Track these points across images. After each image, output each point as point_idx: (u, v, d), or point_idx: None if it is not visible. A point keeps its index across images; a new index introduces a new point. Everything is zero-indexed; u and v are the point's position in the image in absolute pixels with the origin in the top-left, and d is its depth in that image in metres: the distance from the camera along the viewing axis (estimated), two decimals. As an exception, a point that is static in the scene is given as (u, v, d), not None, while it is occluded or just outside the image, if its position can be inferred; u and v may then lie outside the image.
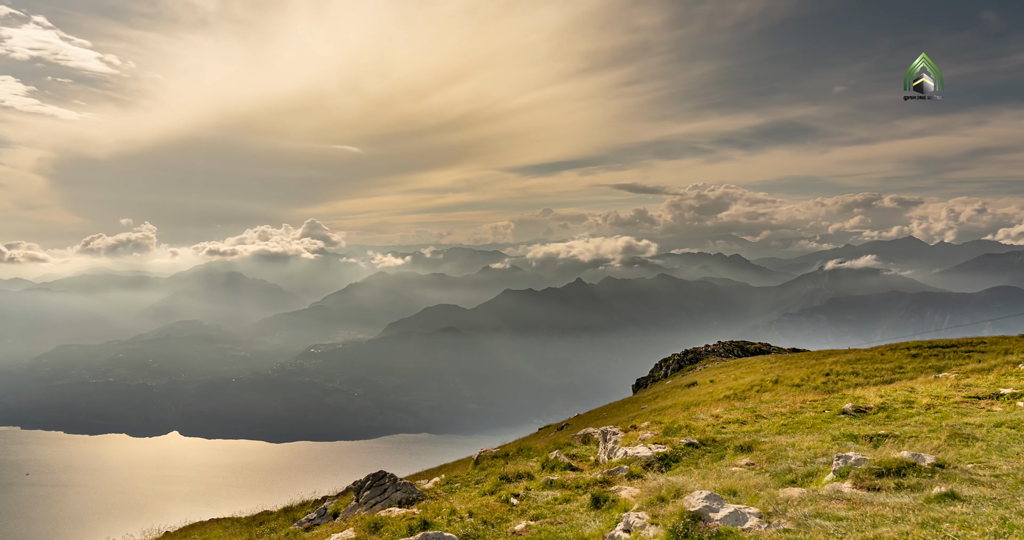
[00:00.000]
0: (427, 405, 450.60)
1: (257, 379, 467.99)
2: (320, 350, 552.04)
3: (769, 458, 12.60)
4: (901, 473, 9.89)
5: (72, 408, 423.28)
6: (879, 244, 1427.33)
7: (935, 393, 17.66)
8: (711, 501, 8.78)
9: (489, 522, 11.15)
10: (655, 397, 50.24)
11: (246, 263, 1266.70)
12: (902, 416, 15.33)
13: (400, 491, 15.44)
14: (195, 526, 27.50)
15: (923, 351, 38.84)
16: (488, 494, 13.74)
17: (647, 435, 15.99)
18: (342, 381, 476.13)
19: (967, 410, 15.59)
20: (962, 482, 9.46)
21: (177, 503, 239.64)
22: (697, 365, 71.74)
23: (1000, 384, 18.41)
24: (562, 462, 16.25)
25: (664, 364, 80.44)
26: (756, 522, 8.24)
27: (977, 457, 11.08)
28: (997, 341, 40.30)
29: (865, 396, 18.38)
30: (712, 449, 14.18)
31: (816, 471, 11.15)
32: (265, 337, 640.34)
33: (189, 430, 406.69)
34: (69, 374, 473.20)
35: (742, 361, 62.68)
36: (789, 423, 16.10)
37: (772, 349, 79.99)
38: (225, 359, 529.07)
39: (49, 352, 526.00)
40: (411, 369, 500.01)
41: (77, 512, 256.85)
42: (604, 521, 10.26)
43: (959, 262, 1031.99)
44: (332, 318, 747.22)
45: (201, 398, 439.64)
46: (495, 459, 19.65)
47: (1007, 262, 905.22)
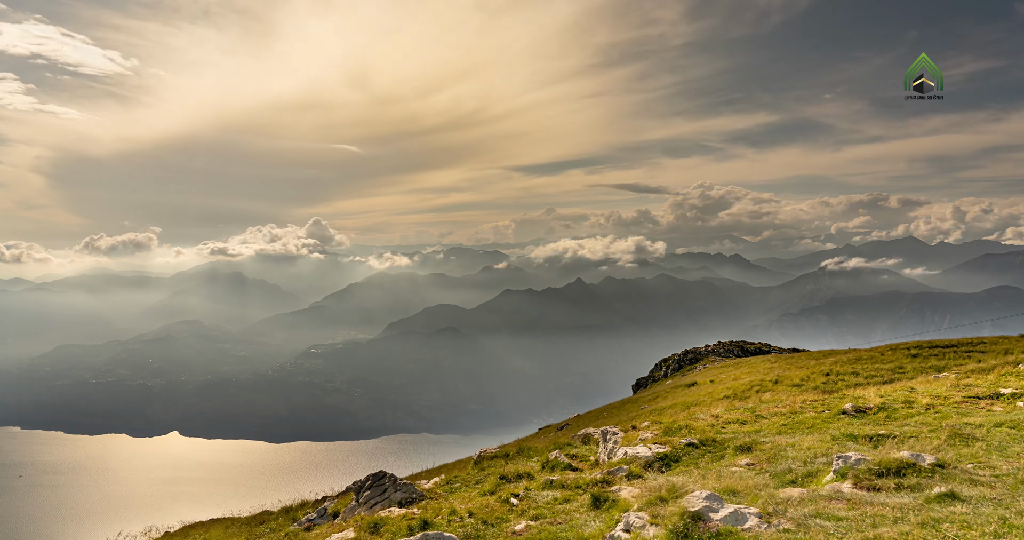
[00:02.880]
0: (427, 405, 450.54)
1: (257, 379, 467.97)
2: (320, 350, 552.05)
3: (769, 458, 12.60)
4: (901, 473, 9.89)
5: (72, 408, 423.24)
6: (880, 244, 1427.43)
7: (935, 393, 17.66)
8: (711, 501, 8.78)
9: (489, 522, 11.15)
10: (655, 397, 50.23)
11: (246, 263, 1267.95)
12: (902, 416, 15.33)
13: (400, 491, 15.44)
14: (195, 526, 27.50)
15: (923, 351, 38.81)
16: (488, 494, 13.74)
17: (647, 435, 15.99)
18: (342, 381, 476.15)
19: (967, 410, 15.59)
20: (962, 482, 9.46)
21: (177, 503, 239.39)
22: (697, 365, 71.73)
23: (1000, 384, 18.41)
24: (562, 462, 16.25)
25: (664, 364, 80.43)
26: (756, 522, 8.24)
27: (977, 457, 11.08)
28: (997, 341, 40.28)
29: (865, 396, 18.37)
30: (712, 449, 14.18)
31: (816, 471, 11.15)
32: (265, 337, 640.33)
33: (189, 430, 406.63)
34: (69, 374, 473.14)
35: (742, 361, 62.67)
36: (789, 423, 16.10)
37: (772, 349, 79.98)
38: (225, 359, 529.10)
39: (49, 352, 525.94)
40: (411, 369, 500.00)
41: (77, 512, 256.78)
42: (604, 521, 10.25)
43: (959, 262, 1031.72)
44: (332, 318, 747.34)
45: (201, 398, 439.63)
46: (495, 459, 19.65)
47: (1007, 262, 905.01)
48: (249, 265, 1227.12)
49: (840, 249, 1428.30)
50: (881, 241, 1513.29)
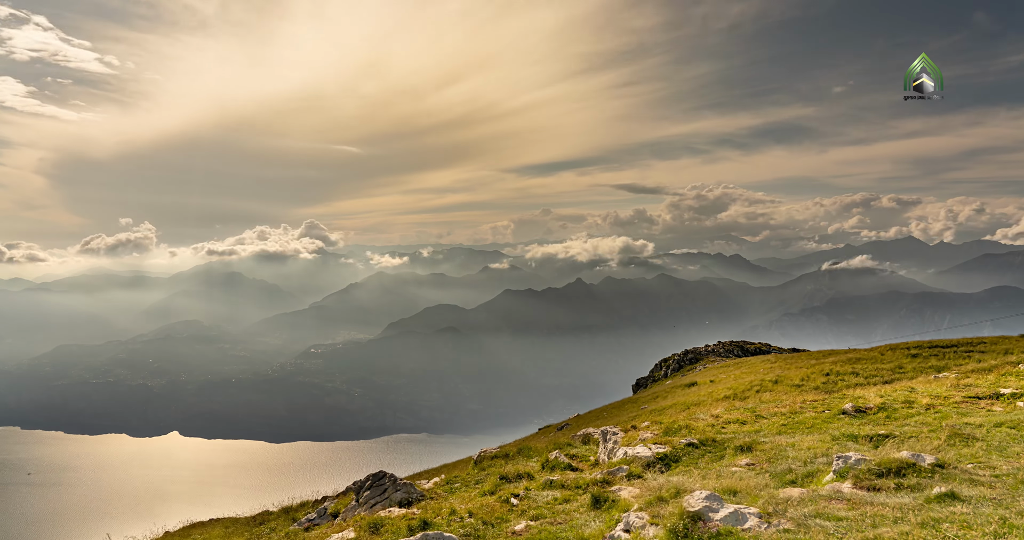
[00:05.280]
0: (427, 405, 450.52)
1: (257, 379, 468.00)
2: (320, 350, 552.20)
3: (769, 458, 12.60)
4: (901, 473, 9.90)
5: (72, 408, 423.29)
6: (879, 244, 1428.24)
7: (935, 393, 17.67)
8: (711, 501, 8.79)
9: (489, 522, 11.15)
10: (655, 397, 50.24)
11: (246, 263, 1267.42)
12: (902, 416, 15.34)
13: (400, 491, 15.44)
14: (195, 526, 27.50)
15: (923, 351, 38.83)
16: (488, 494, 13.74)
17: (647, 435, 15.99)
18: (342, 381, 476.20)
19: (967, 410, 15.60)
20: (962, 482, 9.47)
21: (177, 503, 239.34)
22: (697, 365, 71.75)
23: (1000, 384, 18.41)
24: (562, 462, 16.25)
25: (664, 364, 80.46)
26: (756, 522, 8.24)
27: (977, 457, 11.09)
28: (997, 341, 40.31)
29: (865, 396, 18.38)
30: (712, 449, 14.18)
31: (816, 471, 11.15)
32: (265, 337, 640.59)
33: (189, 430, 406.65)
34: (69, 374, 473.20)
35: (742, 361, 62.68)
36: (789, 423, 16.10)
37: (772, 349, 80.00)
38: (225, 359, 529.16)
39: (49, 352, 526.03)
40: (411, 369, 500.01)
41: (77, 512, 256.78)
42: (604, 521, 10.26)
43: (959, 262, 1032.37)
44: (332, 318, 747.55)
45: (201, 398, 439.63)
46: (495, 459, 19.65)
47: (1007, 262, 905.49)
48: (249, 265, 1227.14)
49: (840, 249, 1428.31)
50: (881, 241, 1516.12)
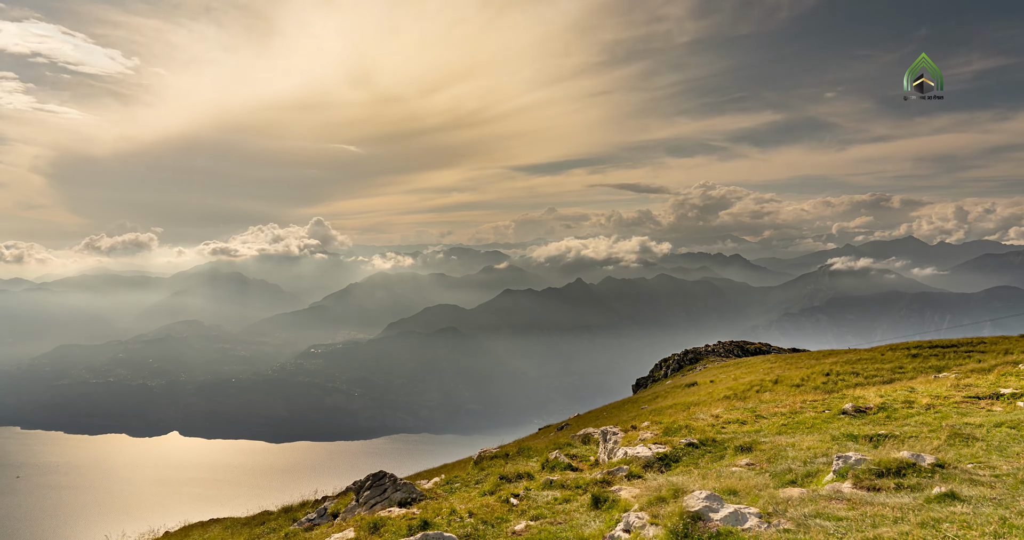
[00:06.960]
0: (427, 405, 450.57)
1: (257, 379, 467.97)
2: (320, 350, 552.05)
3: (769, 458, 12.60)
4: (901, 473, 9.89)
5: (72, 408, 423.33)
6: (880, 244, 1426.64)
7: (935, 393, 17.66)
8: (711, 501, 8.78)
9: (489, 522, 11.15)
10: (655, 397, 50.23)
11: (246, 263, 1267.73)
12: (902, 416, 15.33)
13: (400, 491, 15.44)
14: (195, 526, 27.49)
15: (923, 351, 38.84)
16: (488, 494, 13.74)
17: (647, 435, 15.99)
18: (342, 381, 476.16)
19: (967, 410, 15.59)
20: (962, 482, 9.46)
21: (177, 503, 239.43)
22: (697, 365, 71.74)
23: (1000, 384, 18.41)
24: (562, 462, 16.25)
25: (664, 364, 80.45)
26: (756, 522, 8.24)
27: (977, 457, 11.08)
28: (997, 341, 40.31)
29: (865, 396, 18.38)
30: (712, 449, 14.18)
31: (816, 471, 11.15)
32: (265, 337, 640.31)
33: (189, 430, 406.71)
34: (69, 374, 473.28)
35: (742, 361, 62.67)
36: (789, 423, 16.10)
37: (772, 349, 79.98)
38: (225, 359, 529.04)
39: (49, 352, 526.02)
40: (411, 369, 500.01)
41: (77, 512, 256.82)
42: (604, 521, 10.26)
43: (959, 262, 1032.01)
44: (332, 318, 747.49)
45: (201, 398, 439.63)
46: (495, 459, 19.65)
47: (1007, 262, 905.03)
48: (249, 265, 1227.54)
49: (841, 249, 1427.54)
50: (882, 241, 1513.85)
